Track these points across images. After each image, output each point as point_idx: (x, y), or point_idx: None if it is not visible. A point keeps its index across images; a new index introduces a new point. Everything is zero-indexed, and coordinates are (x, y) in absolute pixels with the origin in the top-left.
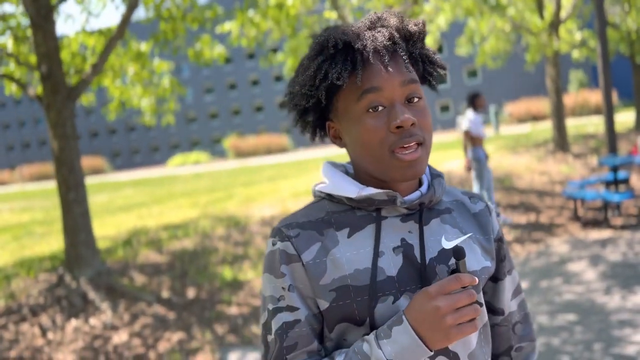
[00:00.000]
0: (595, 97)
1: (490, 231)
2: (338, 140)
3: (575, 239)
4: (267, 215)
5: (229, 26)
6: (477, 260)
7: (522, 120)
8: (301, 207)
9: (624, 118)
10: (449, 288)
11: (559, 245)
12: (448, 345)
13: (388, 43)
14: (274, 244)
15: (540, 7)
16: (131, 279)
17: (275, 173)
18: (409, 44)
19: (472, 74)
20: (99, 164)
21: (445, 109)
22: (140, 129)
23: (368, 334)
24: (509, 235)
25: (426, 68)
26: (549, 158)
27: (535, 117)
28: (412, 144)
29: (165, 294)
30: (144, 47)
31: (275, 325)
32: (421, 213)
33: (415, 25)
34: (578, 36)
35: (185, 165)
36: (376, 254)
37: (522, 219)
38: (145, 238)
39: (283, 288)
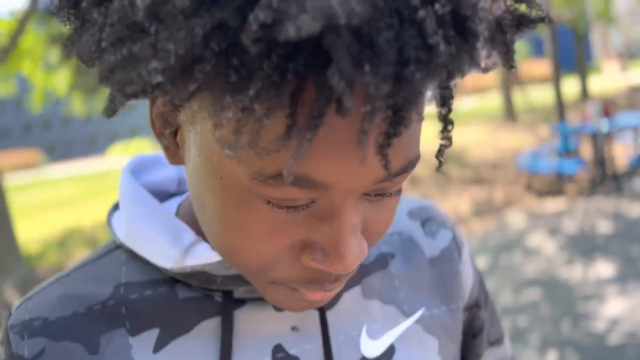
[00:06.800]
0: (539, 67)
1: (457, 295)
2: (177, 157)
3: (532, 211)
4: None
5: None
6: None
7: (466, 93)
8: (83, 261)
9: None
10: None
11: (515, 218)
12: None
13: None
14: None
15: None
16: None
17: None
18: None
19: None
20: None
21: None
22: None
23: None
24: (467, 211)
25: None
26: (500, 130)
27: (480, 90)
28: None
29: None
30: None
31: None
32: None
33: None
34: None
35: None
36: None
37: (478, 193)
38: None
39: None
